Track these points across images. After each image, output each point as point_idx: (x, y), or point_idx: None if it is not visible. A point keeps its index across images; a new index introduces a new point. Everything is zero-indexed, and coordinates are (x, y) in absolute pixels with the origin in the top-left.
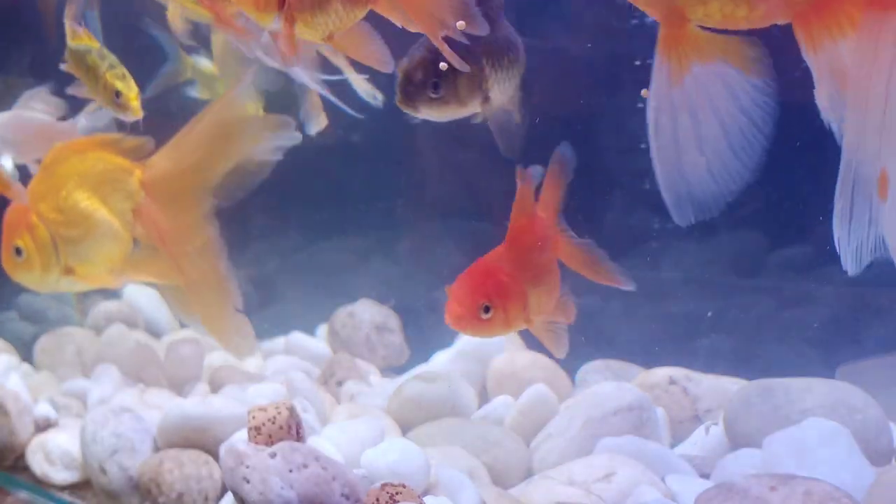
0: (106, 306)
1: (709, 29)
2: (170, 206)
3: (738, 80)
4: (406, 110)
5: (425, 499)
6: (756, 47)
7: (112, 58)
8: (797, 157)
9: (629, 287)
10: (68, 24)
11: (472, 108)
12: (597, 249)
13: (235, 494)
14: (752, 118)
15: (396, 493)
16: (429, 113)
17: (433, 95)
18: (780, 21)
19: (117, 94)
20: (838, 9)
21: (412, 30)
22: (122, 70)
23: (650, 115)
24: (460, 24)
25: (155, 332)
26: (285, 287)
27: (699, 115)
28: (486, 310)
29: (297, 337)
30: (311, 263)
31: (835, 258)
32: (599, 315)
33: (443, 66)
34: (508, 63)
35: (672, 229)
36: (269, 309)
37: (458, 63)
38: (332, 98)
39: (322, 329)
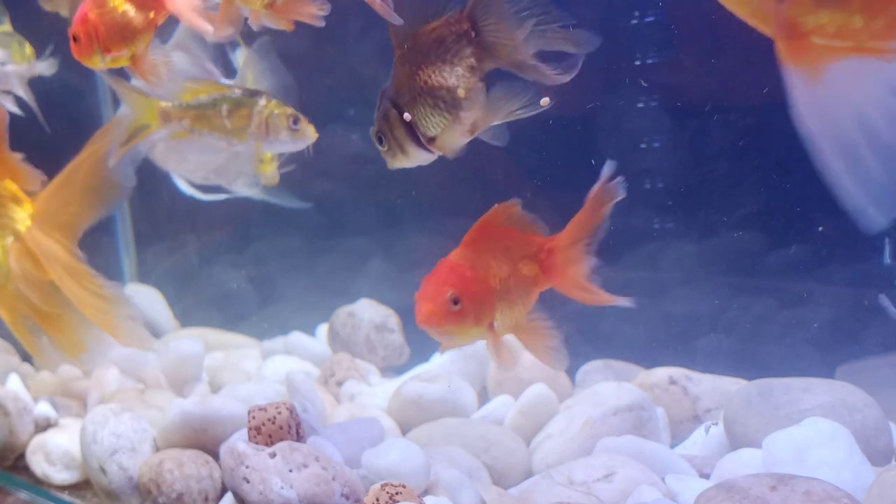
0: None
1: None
2: (54, 238)
3: (880, 68)
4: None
5: (425, 499)
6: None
7: (264, 92)
8: (796, 158)
9: (628, 303)
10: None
11: (419, 157)
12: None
13: (235, 494)
14: None
15: (396, 493)
16: (389, 161)
17: (379, 147)
18: None
19: (295, 120)
20: None
21: None
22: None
23: (805, 127)
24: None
25: (155, 332)
26: (285, 287)
27: (851, 109)
28: (455, 301)
29: (297, 337)
30: (311, 264)
31: (834, 259)
32: (599, 315)
33: (406, 116)
34: (444, 105)
35: (672, 229)
36: (269, 309)
37: (388, 14)
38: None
39: (322, 329)
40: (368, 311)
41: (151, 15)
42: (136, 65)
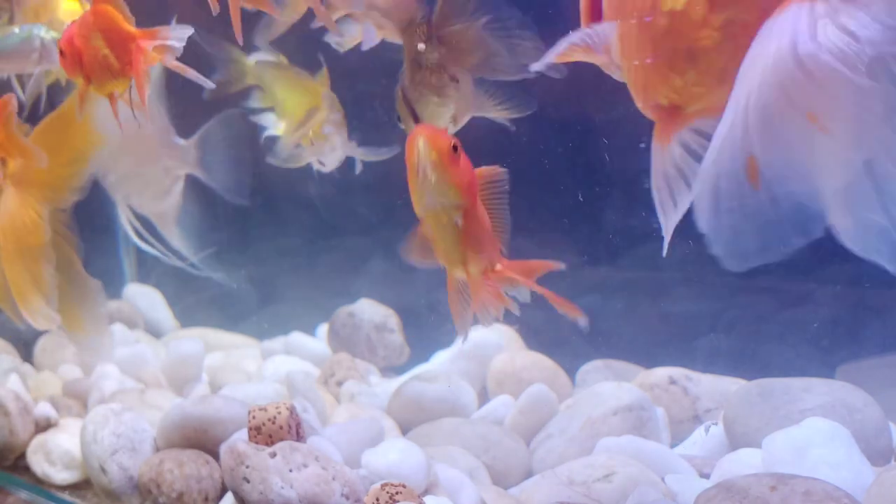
0: (106, 307)
1: None
2: (29, 199)
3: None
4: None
5: (425, 498)
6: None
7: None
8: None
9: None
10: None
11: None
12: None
13: (235, 494)
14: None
15: (396, 493)
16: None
17: (399, 125)
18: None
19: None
20: None
21: None
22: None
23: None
24: None
25: (155, 333)
26: (285, 287)
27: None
28: (455, 148)
29: (298, 337)
30: (311, 264)
31: (833, 258)
32: (599, 315)
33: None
34: (430, 97)
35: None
36: (269, 309)
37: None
38: None
39: (322, 329)
40: (368, 312)
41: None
42: (111, 101)
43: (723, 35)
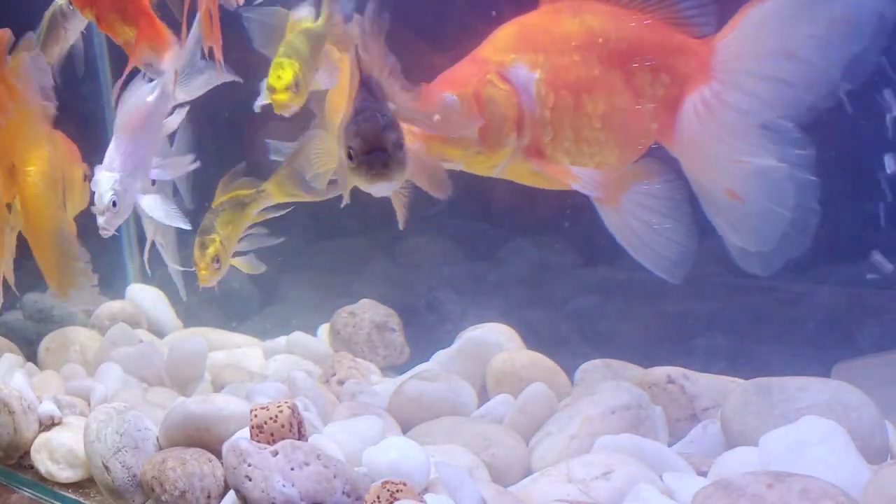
0: (109, 306)
1: None
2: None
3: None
4: (377, 183)
5: (426, 496)
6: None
7: (209, 223)
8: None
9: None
10: None
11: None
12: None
13: (237, 492)
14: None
15: (397, 491)
16: (400, 176)
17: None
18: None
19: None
20: None
21: None
22: (209, 238)
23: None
24: None
25: (158, 332)
26: (287, 287)
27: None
28: None
29: (299, 336)
30: (312, 264)
31: (830, 258)
32: (598, 315)
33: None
34: None
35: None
36: (271, 309)
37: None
38: None
39: (323, 329)
40: (369, 311)
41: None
42: (128, 50)
43: (604, 124)
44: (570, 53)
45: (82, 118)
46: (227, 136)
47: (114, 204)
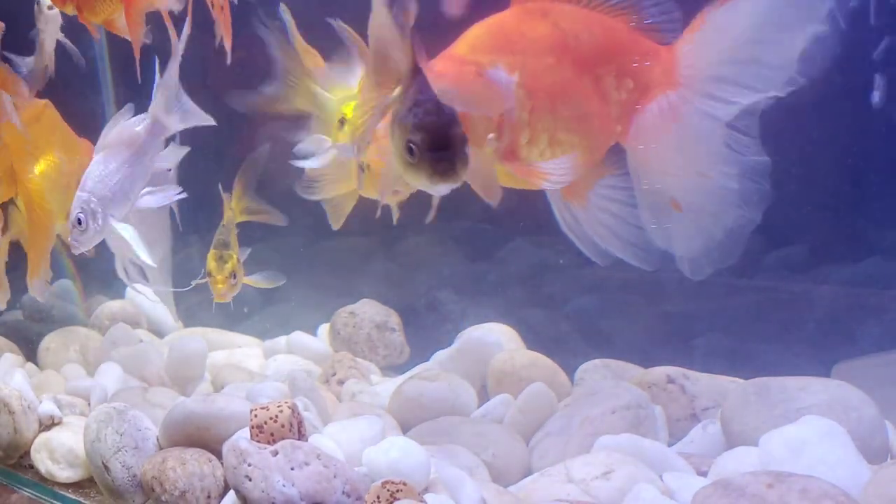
0: (109, 306)
1: None
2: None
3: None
4: (441, 183)
5: (426, 496)
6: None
7: (223, 236)
8: (794, 159)
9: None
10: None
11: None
12: None
13: (237, 492)
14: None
15: (397, 491)
16: (462, 173)
17: (466, 153)
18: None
19: (210, 273)
20: None
21: None
22: (227, 252)
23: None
24: None
25: (158, 331)
26: (287, 287)
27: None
28: None
29: (299, 336)
30: (312, 263)
31: (830, 258)
32: (598, 315)
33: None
34: None
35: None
36: (271, 308)
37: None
38: None
39: (323, 328)
40: (369, 311)
41: None
42: (109, 27)
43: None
44: (545, 56)
45: (82, 120)
46: (226, 144)
47: (79, 222)
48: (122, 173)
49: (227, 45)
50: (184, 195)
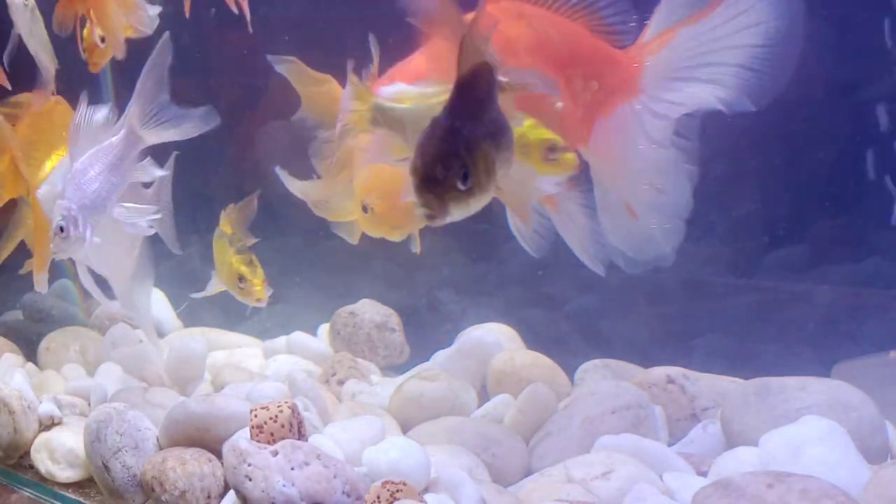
0: (109, 306)
1: None
2: None
3: None
4: (430, 217)
5: (426, 496)
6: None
7: (241, 242)
8: (794, 159)
9: None
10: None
11: (488, 197)
12: None
13: (238, 492)
14: None
15: (397, 491)
16: (457, 208)
17: (462, 187)
18: None
19: (241, 278)
20: None
21: None
22: (250, 256)
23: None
24: None
25: (158, 331)
26: (287, 287)
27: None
28: None
29: (299, 336)
30: (312, 264)
31: (830, 258)
32: (598, 315)
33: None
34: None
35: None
36: (271, 308)
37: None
38: None
39: (323, 328)
40: (369, 311)
41: None
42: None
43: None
44: (523, 56)
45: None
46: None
47: (61, 229)
48: (99, 181)
49: (245, 9)
50: (158, 216)
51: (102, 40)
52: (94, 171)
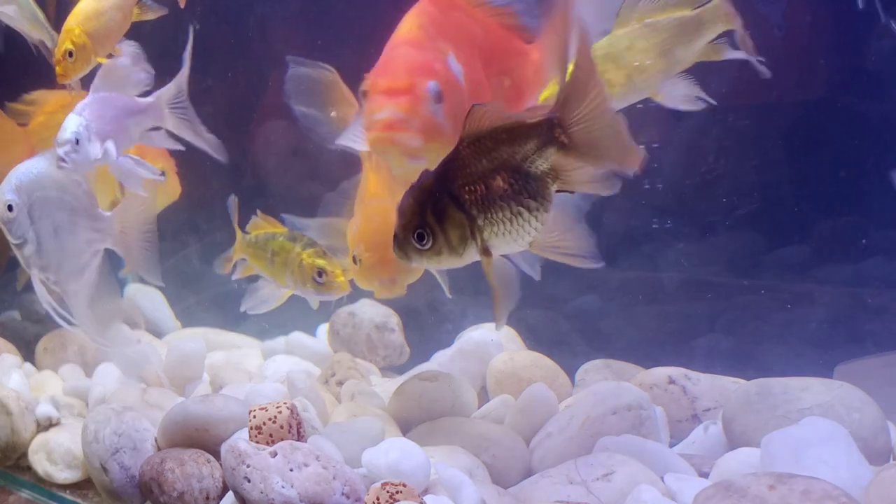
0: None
1: None
2: None
3: None
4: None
5: (425, 497)
6: None
7: (305, 237)
8: (794, 159)
9: None
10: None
11: (469, 258)
12: None
13: (236, 493)
14: None
15: (397, 492)
16: (422, 263)
17: (419, 247)
18: None
19: (320, 273)
20: None
21: None
22: (320, 248)
23: None
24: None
25: (156, 332)
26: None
27: None
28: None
29: (298, 337)
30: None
31: (832, 259)
32: (598, 315)
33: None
34: (512, 216)
35: (671, 229)
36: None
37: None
38: None
39: (323, 329)
40: (369, 311)
41: None
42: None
43: None
44: (466, 47)
45: None
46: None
47: (77, 141)
48: (115, 121)
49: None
50: (163, 178)
51: (70, 55)
52: (112, 110)
